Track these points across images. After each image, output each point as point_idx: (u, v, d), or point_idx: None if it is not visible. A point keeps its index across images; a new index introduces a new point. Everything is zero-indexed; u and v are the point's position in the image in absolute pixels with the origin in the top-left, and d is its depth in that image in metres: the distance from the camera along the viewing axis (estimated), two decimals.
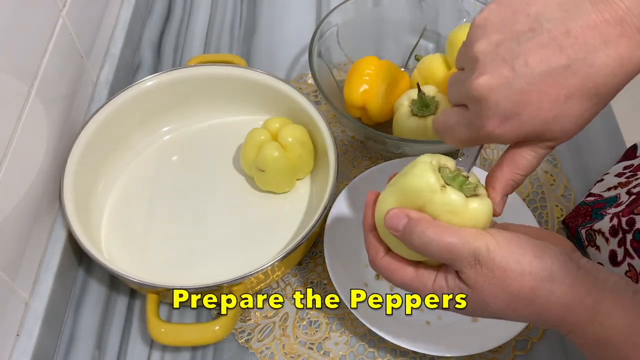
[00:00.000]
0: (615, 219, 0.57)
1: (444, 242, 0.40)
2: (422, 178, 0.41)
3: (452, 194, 0.41)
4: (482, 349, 0.56)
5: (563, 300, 0.39)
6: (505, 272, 0.39)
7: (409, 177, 0.42)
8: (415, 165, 0.43)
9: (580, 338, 0.40)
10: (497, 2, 0.39)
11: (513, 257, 0.40)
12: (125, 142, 0.71)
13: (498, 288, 0.40)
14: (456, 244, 0.40)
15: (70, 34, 0.65)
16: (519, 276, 0.39)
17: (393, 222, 0.42)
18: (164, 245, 0.65)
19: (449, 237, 0.40)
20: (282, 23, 0.87)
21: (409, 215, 0.41)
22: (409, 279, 0.43)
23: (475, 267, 0.40)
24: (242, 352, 0.60)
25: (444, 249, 0.40)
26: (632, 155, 0.68)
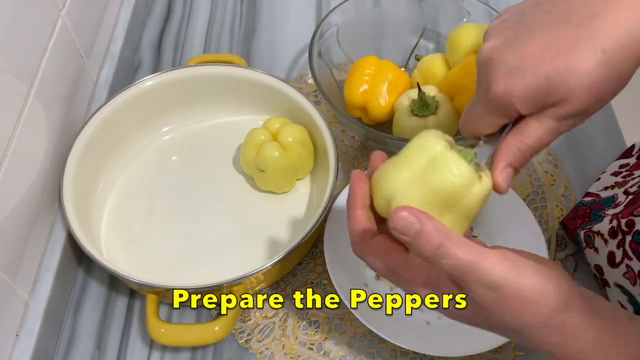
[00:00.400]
0: (615, 220, 0.57)
1: (453, 263, 0.36)
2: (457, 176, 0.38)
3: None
4: (482, 349, 0.56)
5: (571, 329, 0.38)
6: (524, 301, 0.37)
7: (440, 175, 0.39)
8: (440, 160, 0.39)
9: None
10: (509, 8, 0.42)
11: (534, 286, 0.37)
12: (125, 142, 0.71)
13: (509, 316, 0.38)
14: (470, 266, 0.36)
15: (70, 34, 0.65)
16: (536, 308, 0.37)
17: (402, 224, 0.37)
18: (164, 245, 0.65)
19: (463, 256, 0.36)
20: (282, 23, 0.87)
21: (421, 220, 0.37)
22: (400, 265, 0.40)
23: (489, 290, 0.37)
24: (242, 352, 0.60)
25: (451, 268, 0.37)
26: (629, 154, 0.68)
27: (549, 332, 0.38)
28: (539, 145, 0.41)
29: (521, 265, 0.38)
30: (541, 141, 0.41)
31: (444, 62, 0.70)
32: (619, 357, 0.38)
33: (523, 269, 0.38)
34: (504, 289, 0.37)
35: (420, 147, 0.41)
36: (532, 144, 0.41)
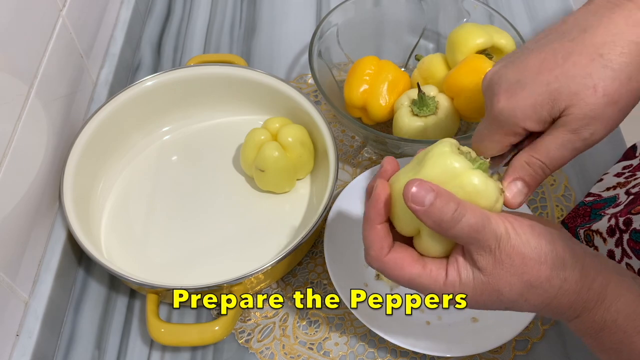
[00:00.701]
0: (613, 219, 0.57)
1: (469, 222, 0.37)
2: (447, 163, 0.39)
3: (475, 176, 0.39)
4: (482, 349, 0.56)
5: (574, 287, 0.39)
6: (524, 259, 0.38)
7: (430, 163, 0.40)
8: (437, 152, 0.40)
9: (586, 323, 0.40)
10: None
11: (530, 244, 0.39)
12: (126, 142, 0.71)
13: (515, 276, 0.39)
14: (481, 225, 0.38)
15: (70, 34, 0.65)
16: (536, 264, 0.38)
17: (420, 194, 0.37)
18: (164, 245, 0.65)
19: (475, 217, 0.38)
20: (282, 23, 0.87)
21: (435, 189, 0.38)
22: (417, 274, 0.40)
23: (494, 253, 0.38)
24: (242, 352, 0.60)
25: (467, 228, 0.37)
26: (631, 155, 0.68)
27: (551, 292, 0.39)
28: (549, 159, 0.40)
29: (522, 225, 0.39)
30: (551, 154, 0.40)
31: (444, 62, 0.70)
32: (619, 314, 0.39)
33: (523, 227, 0.39)
34: (507, 247, 0.38)
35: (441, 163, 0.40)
36: (541, 157, 0.41)
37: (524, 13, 0.88)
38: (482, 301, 0.40)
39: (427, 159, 0.41)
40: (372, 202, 0.41)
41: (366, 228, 0.41)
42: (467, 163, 0.40)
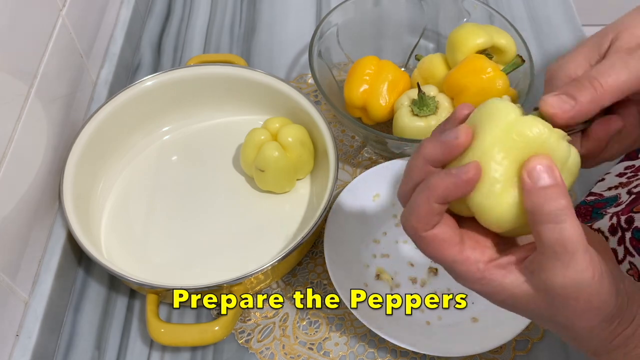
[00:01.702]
0: (615, 217, 0.57)
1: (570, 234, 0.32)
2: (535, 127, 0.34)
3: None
4: (482, 349, 0.56)
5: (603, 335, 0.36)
6: (590, 306, 0.34)
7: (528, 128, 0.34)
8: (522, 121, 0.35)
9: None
10: None
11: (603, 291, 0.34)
12: (125, 142, 0.71)
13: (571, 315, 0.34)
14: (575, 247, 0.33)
15: (70, 34, 0.65)
16: (595, 314, 0.34)
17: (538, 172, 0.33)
18: (164, 245, 0.65)
19: (576, 232, 0.32)
20: (282, 23, 0.87)
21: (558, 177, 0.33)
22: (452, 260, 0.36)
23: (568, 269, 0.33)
24: (242, 352, 0.60)
25: (564, 240, 0.33)
26: (634, 155, 0.68)
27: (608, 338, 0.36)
28: (599, 73, 0.36)
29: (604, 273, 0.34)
30: (602, 70, 0.36)
31: (444, 62, 0.70)
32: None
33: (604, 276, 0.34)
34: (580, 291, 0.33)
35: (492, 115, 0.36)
36: (595, 75, 0.36)
37: (524, 13, 0.88)
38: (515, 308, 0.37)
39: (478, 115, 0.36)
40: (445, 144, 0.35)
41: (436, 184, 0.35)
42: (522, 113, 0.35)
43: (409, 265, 0.64)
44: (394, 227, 0.67)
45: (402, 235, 0.66)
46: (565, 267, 0.33)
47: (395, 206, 0.67)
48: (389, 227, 0.66)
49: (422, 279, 0.63)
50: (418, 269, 0.64)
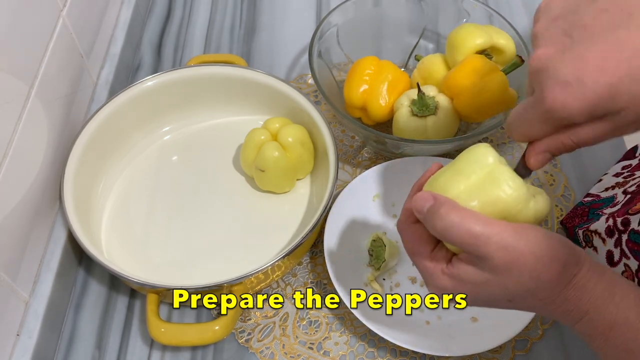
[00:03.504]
0: (611, 219, 0.57)
1: (465, 227, 0.39)
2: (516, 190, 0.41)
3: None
4: (482, 349, 0.56)
5: (581, 283, 0.39)
6: (537, 258, 0.39)
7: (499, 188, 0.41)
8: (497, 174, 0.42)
9: (595, 321, 0.39)
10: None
11: (544, 244, 0.39)
12: (125, 142, 0.71)
13: (526, 274, 0.39)
14: (480, 228, 0.39)
15: (70, 34, 0.65)
16: (549, 262, 0.39)
17: (419, 203, 0.41)
18: (164, 245, 0.65)
19: (474, 222, 0.39)
20: (282, 23, 0.87)
21: (435, 197, 0.41)
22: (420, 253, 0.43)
23: (505, 251, 0.39)
24: (242, 352, 0.60)
25: (466, 233, 0.39)
26: (631, 155, 0.68)
27: (559, 289, 0.39)
28: (585, 144, 0.39)
29: (527, 227, 0.40)
30: (589, 142, 0.39)
31: (444, 62, 0.70)
32: (630, 311, 0.38)
33: (529, 230, 0.39)
34: (517, 248, 0.39)
35: (473, 159, 0.43)
36: (579, 142, 0.39)
37: (523, 13, 0.88)
38: (481, 295, 0.41)
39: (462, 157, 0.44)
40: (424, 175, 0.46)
41: (410, 195, 0.46)
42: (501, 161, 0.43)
43: (409, 265, 0.64)
44: (394, 227, 0.67)
45: None
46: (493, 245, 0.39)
47: (395, 206, 0.67)
48: (389, 227, 0.66)
49: (422, 279, 0.63)
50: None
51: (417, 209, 0.41)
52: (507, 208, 0.41)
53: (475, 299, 0.42)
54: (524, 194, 0.41)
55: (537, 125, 0.39)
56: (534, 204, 0.42)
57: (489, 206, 0.41)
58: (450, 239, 0.40)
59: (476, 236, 0.39)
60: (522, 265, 0.39)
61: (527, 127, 0.40)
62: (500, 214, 0.41)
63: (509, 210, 0.41)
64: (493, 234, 0.39)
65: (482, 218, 0.40)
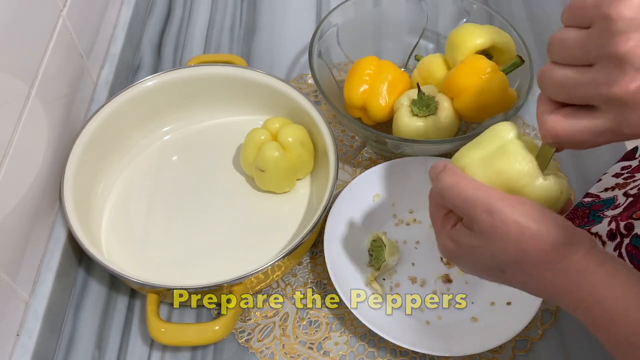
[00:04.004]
0: (614, 222, 0.57)
1: (458, 189, 0.41)
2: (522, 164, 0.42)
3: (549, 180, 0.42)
4: (482, 349, 0.56)
5: (577, 266, 0.38)
6: (522, 229, 0.39)
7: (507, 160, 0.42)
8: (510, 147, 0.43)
9: (594, 310, 0.38)
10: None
11: (533, 216, 0.39)
12: (126, 142, 0.71)
13: (510, 243, 0.39)
14: (470, 192, 0.41)
15: (70, 34, 0.65)
16: (535, 235, 0.39)
17: (432, 169, 0.44)
18: (164, 245, 0.65)
19: (464, 185, 0.41)
20: (282, 23, 0.87)
21: (445, 164, 0.44)
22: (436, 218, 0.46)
23: (490, 216, 0.40)
24: (242, 352, 0.60)
25: (457, 196, 0.41)
26: (631, 156, 0.68)
27: (549, 266, 0.39)
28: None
29: (521, 199, 0.40)
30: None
31: (444, 62, 0.70)
32: (629, 304, 0.37)
33: (522, 201, 0.40)
34: (502, 214, 0.39)
35: (494, 132, 0.44)
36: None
37: (524, 13, 0.88)
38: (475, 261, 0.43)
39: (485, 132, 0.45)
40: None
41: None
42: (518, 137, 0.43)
43: (409, 265, 0.64)
44: (393, 226, 0.67)
45: (402, 235, 0.66)
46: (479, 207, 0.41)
47: (395, 206, 0.67)
48: (389, 227, 0.66)
49: (422, 279, 0.63)
50: (418, 269, 0.64)
51: (430, 174, 0.45)
52: (510, 180, 0.42)
53: (472, 266, 0.44)
54: (530, 170, 0.42)
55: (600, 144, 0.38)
56: (541, 182, 0.42)
57: (494, 176, 0.42)
58: (446, 201, 0.43)
59: (465, 198, 0.41)
60: (506, 233, 0.39)
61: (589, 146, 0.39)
62: (504, 186, 0.42)
63: (513, 183, 0.42)
64: (481, 197, 0.40)
65: (476, 183, 0.42)
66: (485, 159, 0.43)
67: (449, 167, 0.44)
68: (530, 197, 0.41)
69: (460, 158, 0.45)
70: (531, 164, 0.42)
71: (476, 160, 0.43)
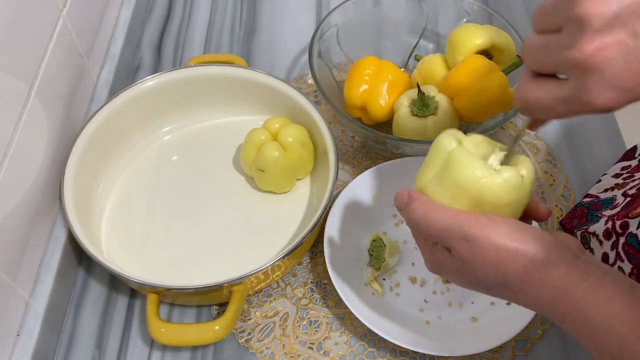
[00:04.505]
0: (610, 222, 0.57)
1: (430, 221, 0.41)
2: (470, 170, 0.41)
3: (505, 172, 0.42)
4: (482, 349, 0.56)
5: (557, 283, 0.38)
6: (500, 251, 0.39)
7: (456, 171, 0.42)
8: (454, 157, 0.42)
9: (578, 324, 0.38)
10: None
11: (510, 236, 0.39)
12: (126, 142, 0.71)
13: (490, 266, 0.40)
14: (442, 222, 0.41)
15: (70, 34, 0.65)
16: (514, 256, 0.39)
17: (397, 200, 0.44)
18: (164, 245, 0.65)
19: (435, 216, 0.41)
20: (282, 23, 0.87)
21: (409, 194, 0.43)
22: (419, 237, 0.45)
23: (467, 244, 0.40)
24: (242, 352, 0.60)
25: (430, 227, 0.41)
26: (631, 156, 0.68)
27: (530, 286, 0.39)
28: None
29: (494, 218, 0.40)
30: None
31: (444, 62, 0.70)
32: (614, 318, 0.37)
33: (496, 221, 0.40)
34: (478, 240, 0.39)
35: (437, 147, 0.44)
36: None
37: (523, 13, 0.88)
38: (465, 281, 0.43)
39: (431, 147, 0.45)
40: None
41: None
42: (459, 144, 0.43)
43: (409, 265, 0.64)
44: (393, 227, 0.67)
45: (402, 235, 0.66)
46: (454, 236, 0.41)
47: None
48: (389, 227, 0.66)
49: (422, 279, 0.63)
50: (418, 269, 0.64)
51: (396, 205, 0.45)
52: (470, 189, 0.41)
53: (459, 283, 0.44)
54: (481, 173, 0.41)
55: (563, 114, 0.38)
56: (500, 179, 0.41)
57: (453, 189, 0.42)
58: (420, 233, 0.43)
59: (438, 229, 0.41)
60: (484, 257, 0.39)
61: (552, 115, 0.39)
62: (468, 196, 0.41)
63: (473, 190, 0.41)
64: (454, 225, 0.40)
65: (445, 211, 0.41)
66: (438, 176, 0.43)
67: (413, 196, 0.43)
68: (496, 196, 0.41)
69: (418, 180, 0.45)
70: (479, 167, 0.41)
71: (432, 180, 0.43)
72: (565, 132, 0.75)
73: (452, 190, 0.42)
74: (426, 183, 0.43)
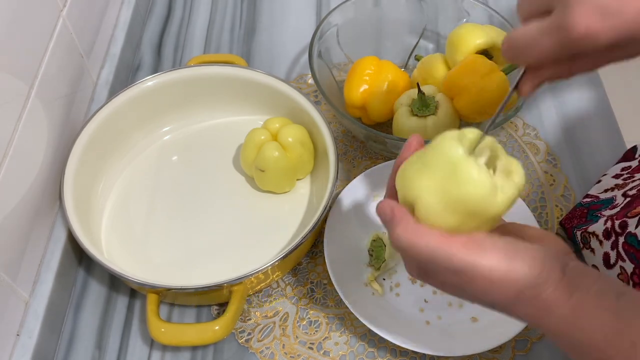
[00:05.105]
0: (609, 221, 0.57)
1: (416, 249, 0.40)
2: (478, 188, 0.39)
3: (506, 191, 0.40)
4: (482, 349, 0.56)
5: (543, 304, 0.39)
6: (489, 281, 0.39)
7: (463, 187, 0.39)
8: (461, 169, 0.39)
9: (563, 342, 0.39)
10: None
11: (499, 263, 0.39)
12: (126, 142, 0.71)
13: (479, 293, 0.40)
14: (429, 253, 0.39)
15: (70, 34, 0.65)
16: (504, 285, 0.39)
17: (380, 212, 0.43)
18: (164, 245, 0.65)
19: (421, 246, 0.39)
20: (282, 23, 0.87)
21: (392, 210, 0.41)
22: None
23: (456, 276, 0.40)
24: (242, 352, 0.60)
25: (417, 255, 0.40)
26: (630, 156, 0.68)
27: (519, 307, 0.40)
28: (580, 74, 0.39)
29: (485, 246, 0.39)
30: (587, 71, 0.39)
31: (444, 62, 0.70)
32: (595, 334, 0.37)
33: (486, 249, 0.39)
34: (466, 273, 0.39)
35: (440, 151, 0.41)
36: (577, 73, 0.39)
37: None
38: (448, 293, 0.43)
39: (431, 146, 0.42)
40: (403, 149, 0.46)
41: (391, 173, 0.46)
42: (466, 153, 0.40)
43: None
44: None
45: None
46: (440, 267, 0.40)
47: None
48: None
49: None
50: None
51: (380, 218, 0.43)
52: (471, 205, 0.39)
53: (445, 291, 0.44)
54: (488, 190, 0.39)
55: (550, 51, 0.36)
56: (502, 197, 0.40)
57: (455, 204, 0.39)
58: (407, 259, 0.43)
59: (426, 261, 0.40)
60: (473, 287, 0.40)
61: (537, 52, 0.37)
62: (465, 211, 0.39)
63: (474, 207, 0.39)
64: (442, 257, 0.39)
65: (432, 239, 0.39)
66: (438, 187, 0.40)
67: (397, 217, 0.41)
68: (495, 212, 0.40)
69: (410, 184, 0.41)
70: (487, 184, 0.39)
71: (428, 189, 0.40)
72: (565, 133, 0.75)
73: (452, 204, 0.39)
74: (421, 190, 0.40)
